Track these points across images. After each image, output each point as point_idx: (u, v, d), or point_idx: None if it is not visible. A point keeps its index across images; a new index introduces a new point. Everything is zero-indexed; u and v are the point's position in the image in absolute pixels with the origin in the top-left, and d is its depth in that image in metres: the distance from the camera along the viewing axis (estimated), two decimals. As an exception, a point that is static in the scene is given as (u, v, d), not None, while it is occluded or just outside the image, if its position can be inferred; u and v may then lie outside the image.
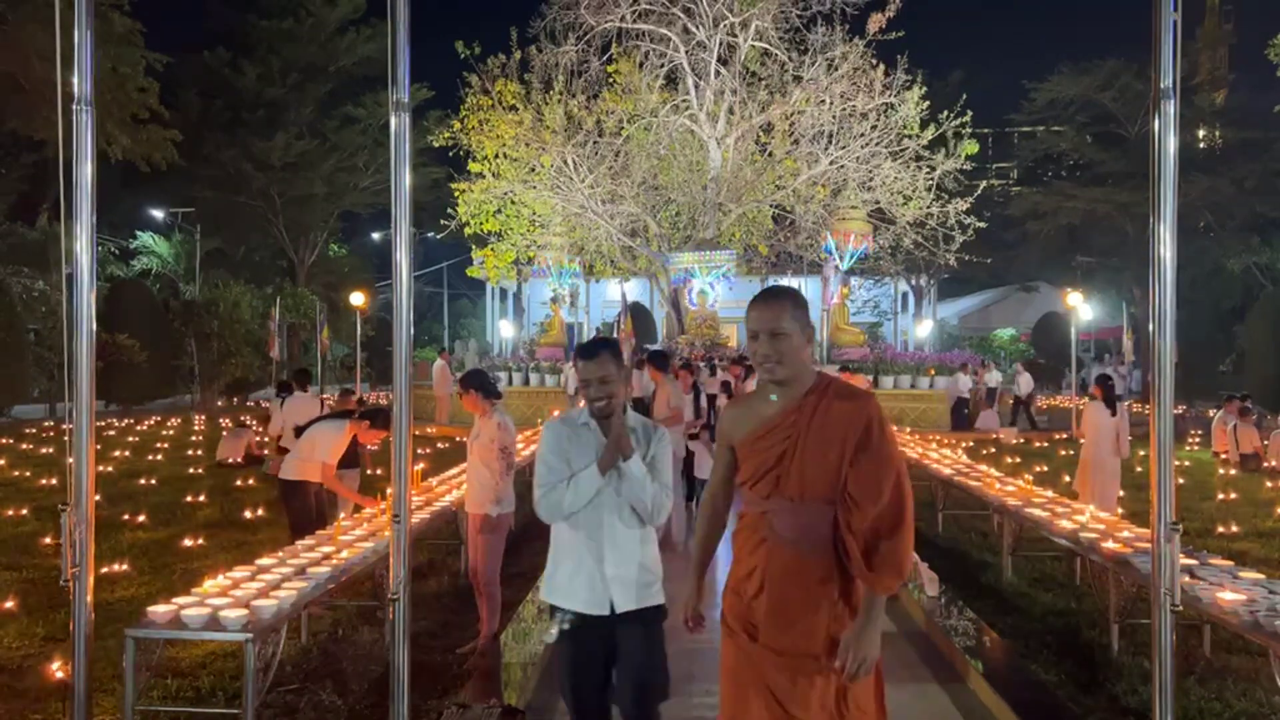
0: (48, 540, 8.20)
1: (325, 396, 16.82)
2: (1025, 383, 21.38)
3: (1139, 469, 12.91)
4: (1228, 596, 4.30)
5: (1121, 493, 9.50)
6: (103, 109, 21.18)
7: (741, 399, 2.93)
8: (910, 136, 21.33)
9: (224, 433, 15.38)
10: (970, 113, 21.06)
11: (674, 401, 8.49)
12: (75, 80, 3.54)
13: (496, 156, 22.56)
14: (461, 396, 5.60)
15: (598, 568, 3.19)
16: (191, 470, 13.34)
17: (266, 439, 14.41)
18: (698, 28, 22.09)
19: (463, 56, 22.38)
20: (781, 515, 2.61)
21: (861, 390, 2.76)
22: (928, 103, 21.15)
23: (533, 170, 22.58)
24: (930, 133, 21.14)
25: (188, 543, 8.27)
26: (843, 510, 2.54)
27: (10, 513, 9.65)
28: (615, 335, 23.31)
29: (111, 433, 18.60)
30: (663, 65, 22.84)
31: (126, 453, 15.31)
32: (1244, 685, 4.86)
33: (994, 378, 21.66)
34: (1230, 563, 5.17)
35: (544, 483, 3.27)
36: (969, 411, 20.16)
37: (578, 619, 3.21)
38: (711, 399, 12.78)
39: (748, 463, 2.68)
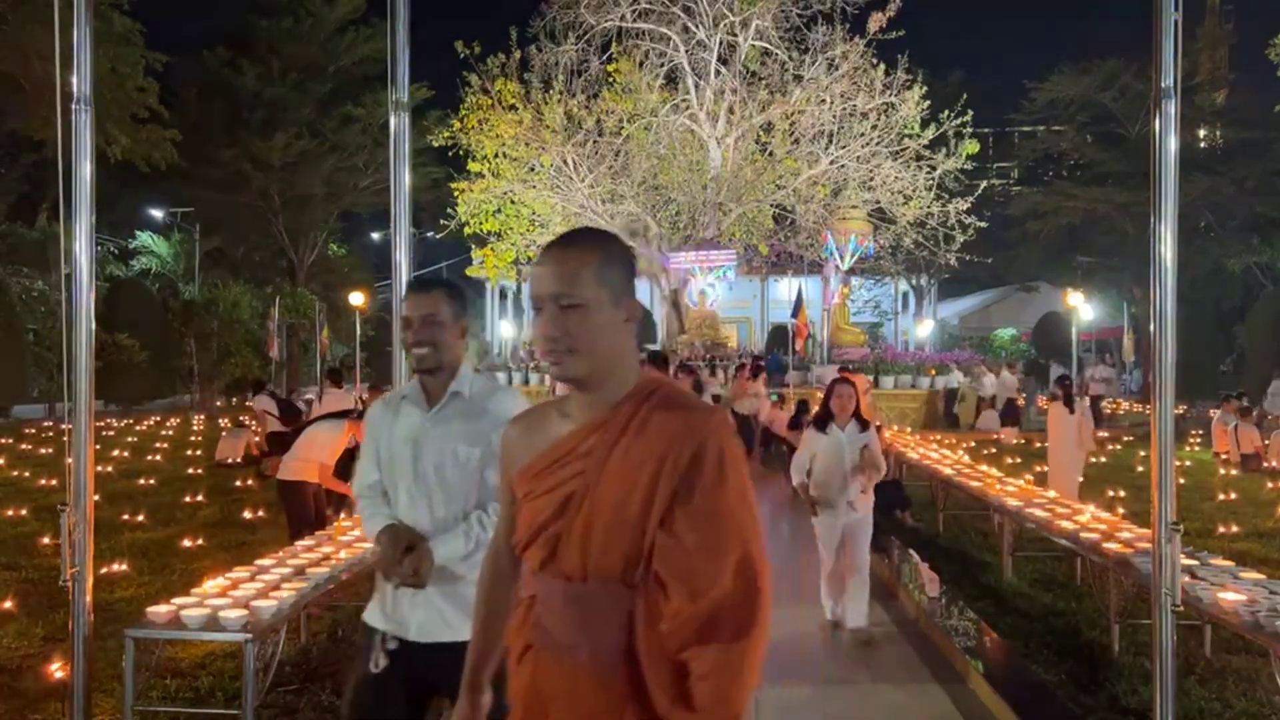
0: (48, 540, 8.19)
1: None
2: (989, 384, 21.25)
3: (1139, 469, 12.92)
4: (1228, 596, 4.30)
5: (1121, 490, 9.50)
6: (102, 109, 21.16)
7: (535, 408, 1.85)
8: (911, 136, 21.34)
9: (223, 433, 15.38)
10: (970, 112, 21.07)
11: None
12: (75, 80, 3.54)
13: (496, 156, 22.56)
14: None
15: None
16: (191, 470, 13.33)
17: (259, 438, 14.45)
18: (698, 27, 22.09)
19: (462, 56, 22.38)
20: (553, 605, 1.60)
21: (700, 401, 1.71)
22: (928, 102, 21.15)
23: (532, 170, 22.59)
24: (931, 132, 21.14)
25: (188, 543, 8.27)
26: (645, 599, 1.51)
27: (10, 513, 9.64)
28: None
29: (111, 433, 18.59)
30: (663, 65, 22.84)
31: (126, 453, 15.30)
32: (1244, 685, 4.85)
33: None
34: (1231, 563, 5.17)
35: (357, 488, 2.62)
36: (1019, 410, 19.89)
37: (387, 645, 2.44)
38: (716, 399, 12.79)
39: (523, 511, 1.66)
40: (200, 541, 8.32)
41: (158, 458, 14.88)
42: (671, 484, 1.51)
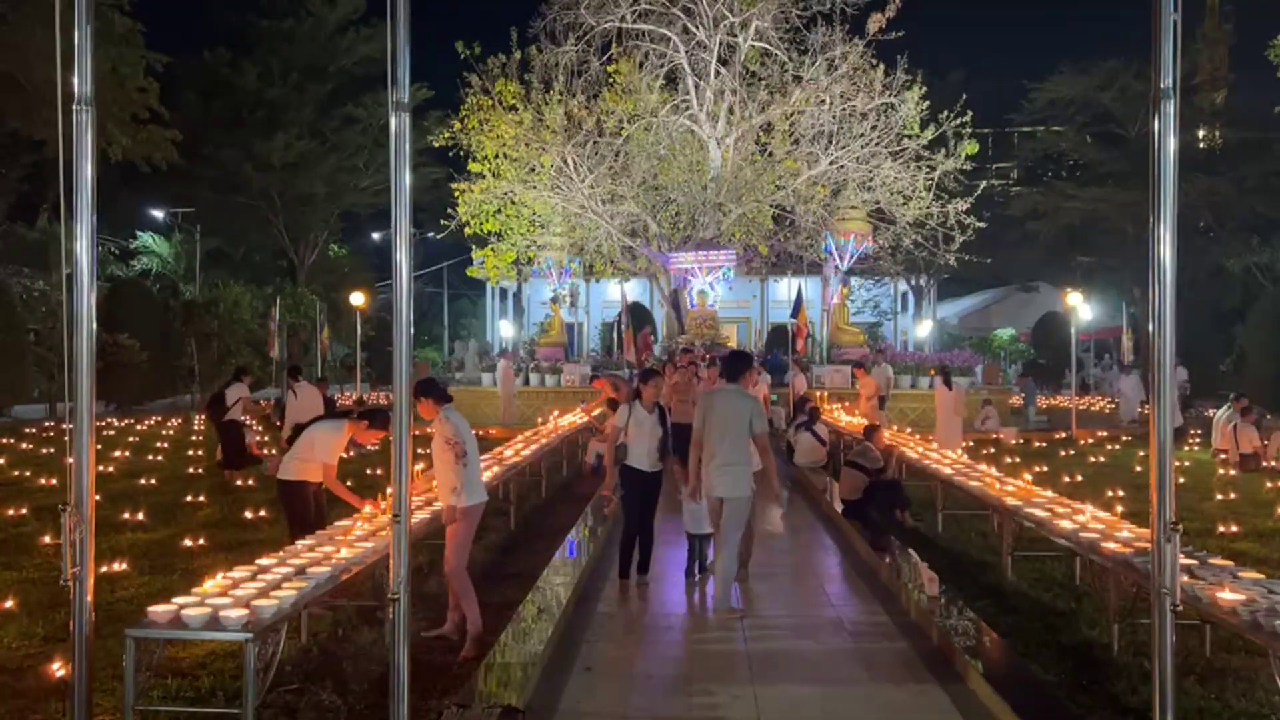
0: (48, 540, 8.19)
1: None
2: (800, 384, 20.73)
3: (1138, 469, 12.92)
4: (1228, 596, 4.30)
5: (1121, 490, 9.49)
6: (103, 109, 21.07)
7: None
8: (910, 136, 21.35)
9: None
10: (970, 113, 21.09)
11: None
12: (75, 80, 3.54)
13: (496, 156, 22.56)
14: (417, 406, 5.73)
15: None
16: (191, 470, 13.33)
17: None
18: (698, 28, 22.10)
19: (463, 56, 22.39)
20: None
21: None
22: (927, 103, 21.16)
23: (533, 170, 22.59)
24: (930, 133, 21.15)
25: (188, 543, 8.27)
26: None
27: (10, 513, 9.64)
28: (616, 339, 23.31)
29: (111, 433, 18.59)
30: (663, 65, 22.86)
31: (126, 453, 15.29)
32: (1244, 685, 4.85)
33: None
34: (1230, 563, 5.17)
35: None
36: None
37: None
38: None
39: None
40: (200, 541, 8.32)
41: (158, 458, 14.87)
42: None
